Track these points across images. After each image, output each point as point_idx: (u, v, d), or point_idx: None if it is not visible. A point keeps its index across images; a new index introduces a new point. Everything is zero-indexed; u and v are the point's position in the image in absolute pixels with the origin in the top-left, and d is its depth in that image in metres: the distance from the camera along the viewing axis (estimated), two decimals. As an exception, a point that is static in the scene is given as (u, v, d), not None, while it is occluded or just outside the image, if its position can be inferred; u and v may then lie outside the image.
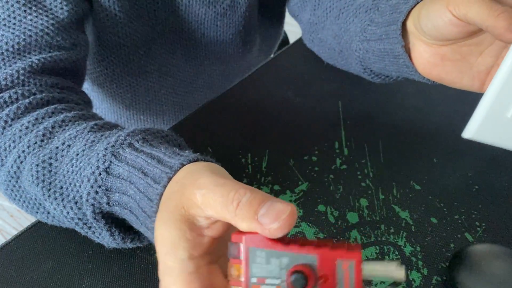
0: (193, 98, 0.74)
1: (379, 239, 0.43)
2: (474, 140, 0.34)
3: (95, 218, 0.33)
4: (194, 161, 0.31)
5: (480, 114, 0.33)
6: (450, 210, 0.45)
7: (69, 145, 0.36)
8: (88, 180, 0.32)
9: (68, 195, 0.34)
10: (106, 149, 0.33)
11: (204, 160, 0.31)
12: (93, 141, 0.36)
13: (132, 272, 0.40)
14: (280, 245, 0.24)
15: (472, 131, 0.34)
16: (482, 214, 0.45)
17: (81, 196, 0.33)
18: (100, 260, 0.41)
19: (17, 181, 0.37)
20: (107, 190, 0.32)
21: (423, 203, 0.46)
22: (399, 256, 0.41)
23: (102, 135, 0.36)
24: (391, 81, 0.52)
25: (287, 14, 0.78)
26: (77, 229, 0.35)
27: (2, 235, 1.46)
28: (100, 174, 0.32)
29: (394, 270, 0.23)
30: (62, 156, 0.36)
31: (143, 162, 0.32)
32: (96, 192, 0.32)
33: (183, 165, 0.30)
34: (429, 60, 0.41)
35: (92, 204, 0.32)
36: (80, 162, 0.34)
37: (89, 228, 0.34)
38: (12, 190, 0.38)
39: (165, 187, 0.29)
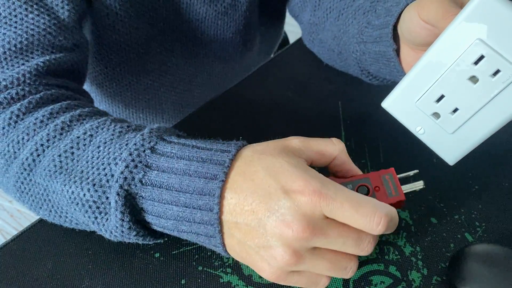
0: (192, 96, 0.74)
1: (379, 239, 0.43)
2: (388, 111, 0.39)
3: (118, 194, 0.32)
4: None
5: (395, 92, 0.37)
6: (450, 210, 0.45)
7: (91, 135, 0.36)
8: (130, 154, 0.32)
9: (88, 178, 0.34)
10: (150, 132, 0.33)
11: None
12: (121, 131, 0.36)
13: (132, 272, 0.40)
14: (344, 179, 0.37)
15: (386, 103, 0.38)
16: (482, 214, 0.45)
17: (101, 179, 0.33)
18: (100, 260, 0.41)
19: (29, 174, 0.37)
20: (146, 166, 0.32)
21: (423, 203, 0.46)
22: (399, 256, 0.41)
23: (128, 126, 0.36)
24: (389, 83, 0.52)
25: (287, 14, 0.78)
26: (85, 217, 0.34)
27: (2, 235, 1.46)
28: (144, 151, 0.32)
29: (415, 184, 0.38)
30: (85, 145, 0.35)
31: (195, 142, 0.33)
32: (135, 166, 0.32)
33: (244, 144, 0.34)
34: (411, 65, 0.40)
35: (125, 178, 0.32)
36: (109, 148, 0.34)
37: (100, 213, 0.34)
38: (22, 183, 0.38)
39: (235, 155, 0.32)
